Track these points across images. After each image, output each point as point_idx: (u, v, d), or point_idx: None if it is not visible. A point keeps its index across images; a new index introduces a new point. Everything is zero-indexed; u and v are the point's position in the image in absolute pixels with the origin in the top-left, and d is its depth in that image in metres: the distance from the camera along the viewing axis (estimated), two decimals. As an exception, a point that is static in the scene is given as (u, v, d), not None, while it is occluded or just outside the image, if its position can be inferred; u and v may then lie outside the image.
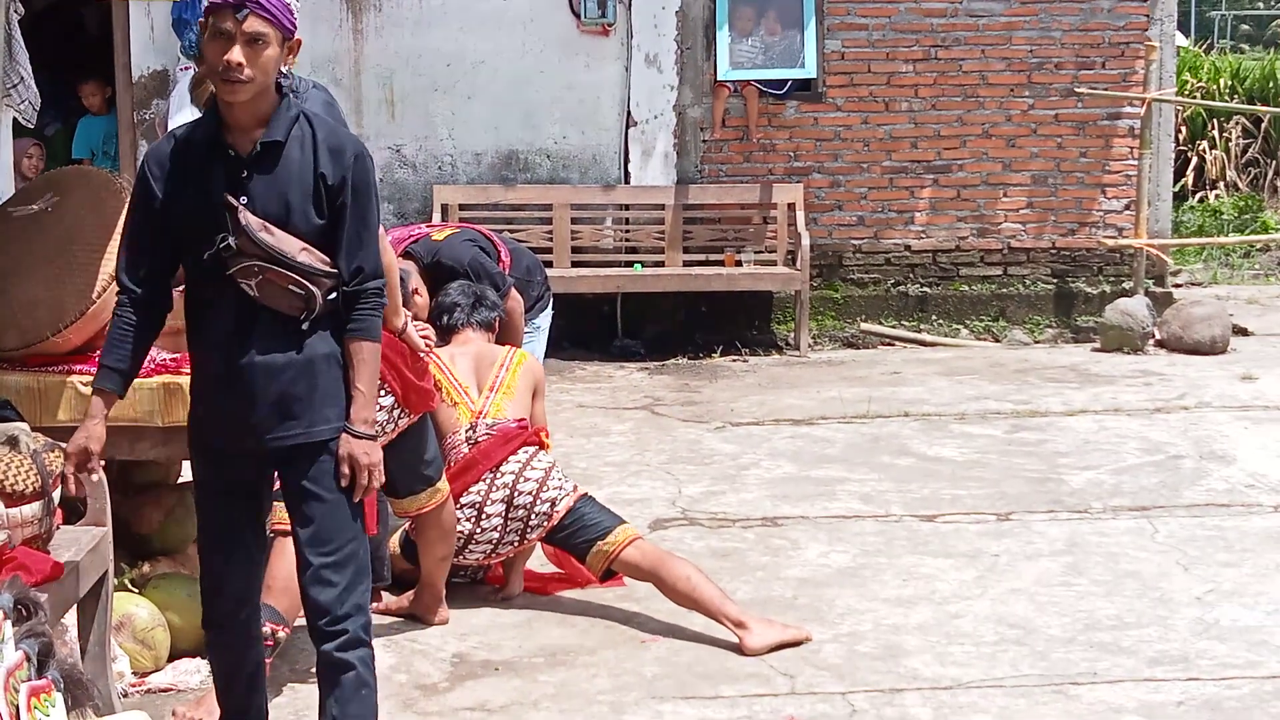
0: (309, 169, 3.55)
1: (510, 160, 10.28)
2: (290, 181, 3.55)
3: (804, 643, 4.93)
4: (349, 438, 3.62)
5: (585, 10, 10.13)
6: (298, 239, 3.53)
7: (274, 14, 3.46)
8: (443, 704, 4.54)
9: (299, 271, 3.52)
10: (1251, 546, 5.90)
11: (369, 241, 3.62)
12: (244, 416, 3.59)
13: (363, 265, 3.60)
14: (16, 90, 5.70)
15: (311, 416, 3.60)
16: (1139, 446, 7.43)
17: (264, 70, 3.46)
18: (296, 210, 3.55)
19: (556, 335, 9.86)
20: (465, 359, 5.51)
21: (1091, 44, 10.60)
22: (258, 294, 3.52)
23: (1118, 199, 10.69)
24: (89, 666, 4.10)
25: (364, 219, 3.61)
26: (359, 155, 3.61)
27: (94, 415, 3.64)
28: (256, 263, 3.49)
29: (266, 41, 3.45)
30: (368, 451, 3.64)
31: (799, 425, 7.99)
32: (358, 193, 3.59)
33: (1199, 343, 9.81)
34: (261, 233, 3.50)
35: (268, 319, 3.56)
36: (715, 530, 6.19)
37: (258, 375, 3.57)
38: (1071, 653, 4.86)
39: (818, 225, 10.48)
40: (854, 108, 10.52)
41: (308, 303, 3.54)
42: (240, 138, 3.55)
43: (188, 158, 3.58)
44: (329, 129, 3.61)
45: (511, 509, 5.19)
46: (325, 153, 3.56)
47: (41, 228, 4.68)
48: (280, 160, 3.54)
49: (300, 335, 3.57)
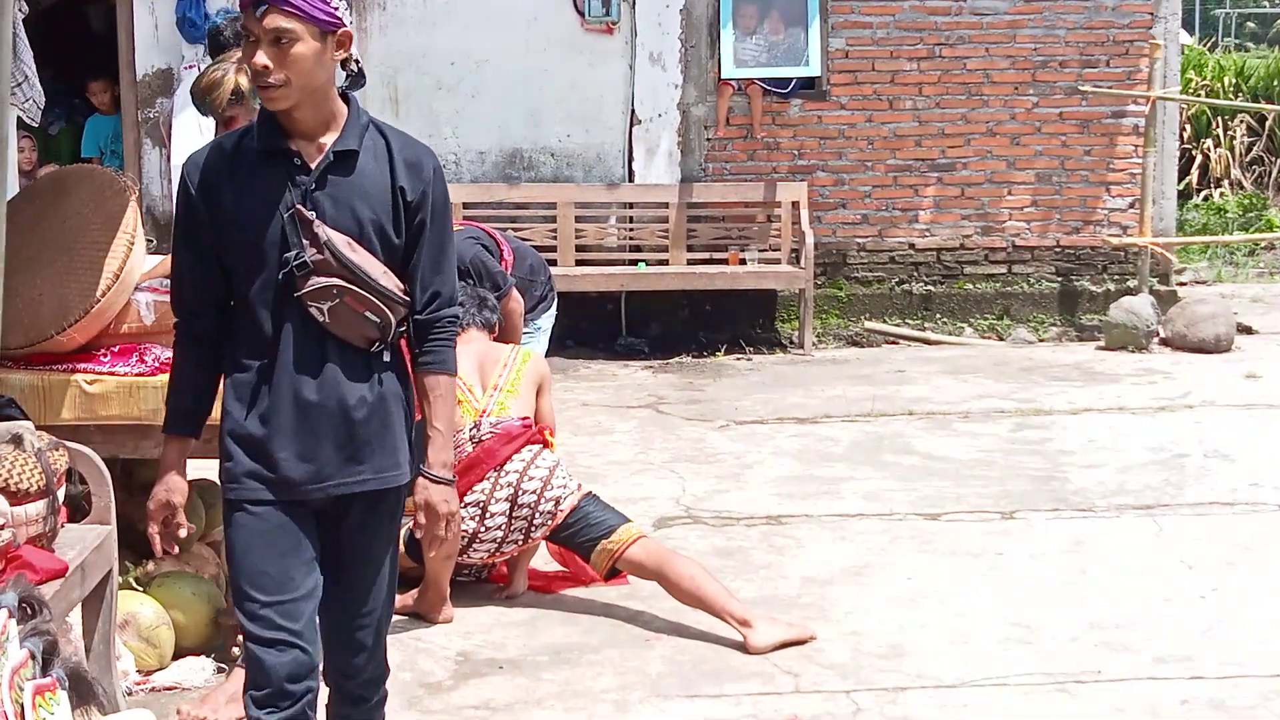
0: (385, 183, 3.21)
1: (514, 159, 10.28)
2: (365, 196, 3.19)
3: (808, 641, 4.93)
4: (426, 483, 3.26)
5: (589, 9, 10.13)
6: (376, 259, 3.21)
7: (298, 6, 3.05)
8: (447, 702, 4.54)
9: (380, 296, 3.16)
10: (1255, 545, 5.89)
11: (447, 265, 3.30)
12: (305, 461, 3.20)
13: (439, 291, 3.27)
14: (20, 89, 5.69)
15: (380, 460, 3.24)
16: (1143, 445, 7.42)
17: (297, 71, 3.07)
18: (371, 228, 3.20)
19: (560, 333, 9.88)
20: (468, 358, 5.51)
21: (1096, 42, 10.59)
22: (328, 319, 3.15)
23: (1122, 197, 10.68)
24: (93, 665, 4.10)
25: (442, 240, 3.29)
26: (437, 169, 3.30)
27: (169, 465, 3.31)
28: (336, 283, 3.12)
29: (294, 38, 3.05)
30: (447, 499, 3.27)
31: (803, 424, 7.99)
32: (437, 210, 3.27)
33: (1203, 341, 9.80)
34: (347, 250, 3.14)
35: (335, 349, 3.19)
36: (719, 529, 6.19)
37: (325, 415, 3.18)
38: (1075, 651, 4.85)
39: (822, 223, 10.47)
40: (858, 106, 10.52)
41: (383, 332, 3.20)
42: (306, 145, 3.18)
43: (241, 167, 3.20)
44: (403, 139, 3.28)
45: (515, 508, 5.19)
46: (402, 165, 3.22)
47: (46, 226, 4.68)
48: (354, 172, 3.19)
49: (371, 368, 3.22)
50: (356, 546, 3.30)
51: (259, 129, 3.20)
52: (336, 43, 3.13)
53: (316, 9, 3.07)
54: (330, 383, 3.18)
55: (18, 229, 4.68)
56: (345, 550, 3.30)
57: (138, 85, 9.91)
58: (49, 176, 5.02)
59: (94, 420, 4.54)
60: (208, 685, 4.56)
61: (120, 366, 4.57)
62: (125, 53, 9.92)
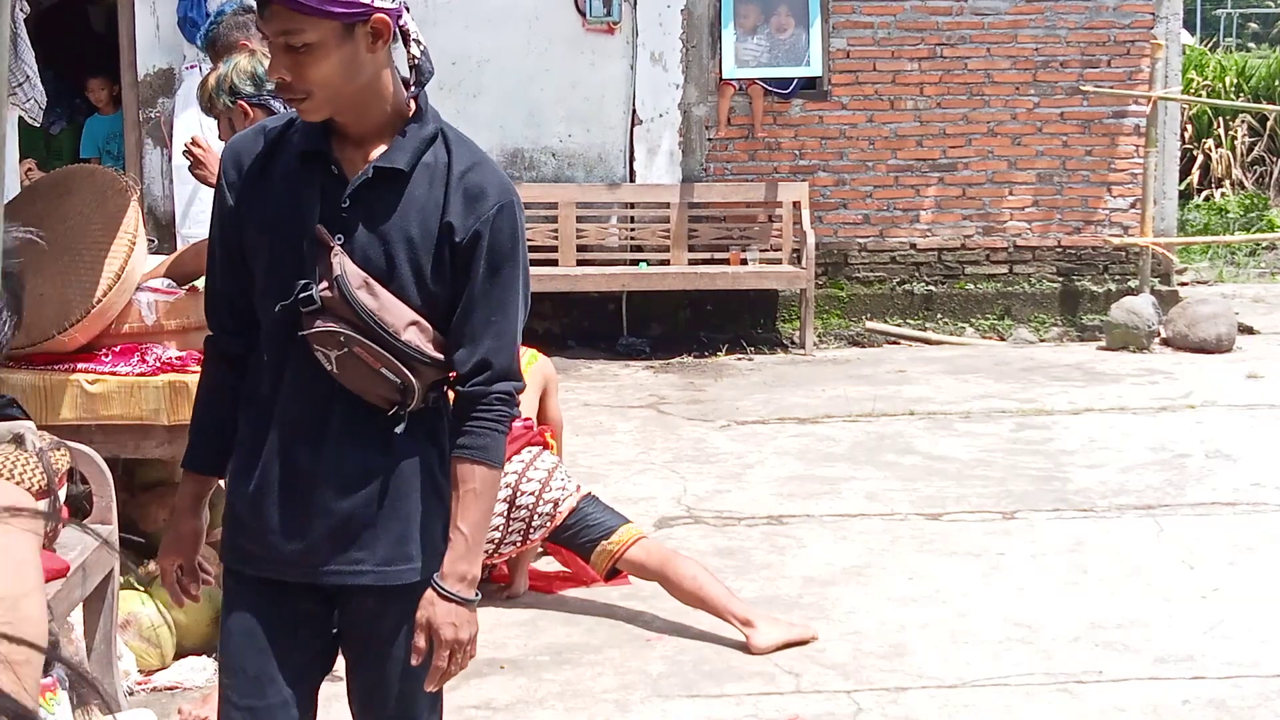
0: (434, 213, 2.59)
1: (515, 158, 10.28)
2: (407, 227, 2.59)
3: (810, 642, 4.93)
4: (434, 597, 2.62)
5: (590, 8, 10.13)
6: (407, 307, 2.60)
7: (304, 1, 2.47)
8: (448, 702, 4.51)
9: (398, 353, 2.58)
10: (1256, 545, 5.89)
11: (505, 329, 2.63)
12: (295, 535, 2.66)
13: (490, 360, 2.61)
14: (22, 89, 5.69)
15: (387, 551, 2.66)
16: (1144, 445, 7.42)
17: (320, 80, 2.51)
18: (408, 268, 2.59)
19: (561, 333, 9.91)
20: None
21: (1097, 42, 10.60)
22: (336, 370, 2.59)
23: (1123, 197, 10.69)
24: (95, 665, 4.10)
25: (501, 296, 2.62)
26: (506, 205, 2.61)
27: (182, 508, 2.84)
28: (344, 330, 2.55)
29: (308, 40, 2.48)
30: (456, 623, 2.62)
31: (804, 424, 7.99)
32: (496, 258, 2.60)
33: (1204, 341, 9.80)
34: (360, 290, 2.56)
35: (344, 405, 2.62)
36: (720, 529, 6.19)
37: (321, 483, 2.64)
38: (1077, 651, 4.85)
39: (823, 223, 10.48)
40: (859, 106, 10.52)
41: (403, 395, 2.61)
42: (352, 152, 2.62)
43: (276, 163, 2.66)
44: (472, 159, 2.63)
45: (514, 509, 5.19)
46: (459, 195, 2.59)
47: (47, 226, 4.68)
48: (399, 195, 2.59)
49: (388, 435, 2.63)
50: (370, 644, 2.74)
51: (303, 122, 2.64)
52: (371, 33, 2.51)
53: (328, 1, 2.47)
54: (331, 446, 2.63)
55: (19, 229, 4.68)
56: (359, 647, 2.76)
57: (139, 85, 9.91)
58: (50, 176, 5.02)
59: (95, 420, 4.54)
60: (209, 685, 4.56)
61: (121, 366, 4.57)
62: (126, 53, 9.92)
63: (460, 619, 2.62)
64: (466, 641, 2.64)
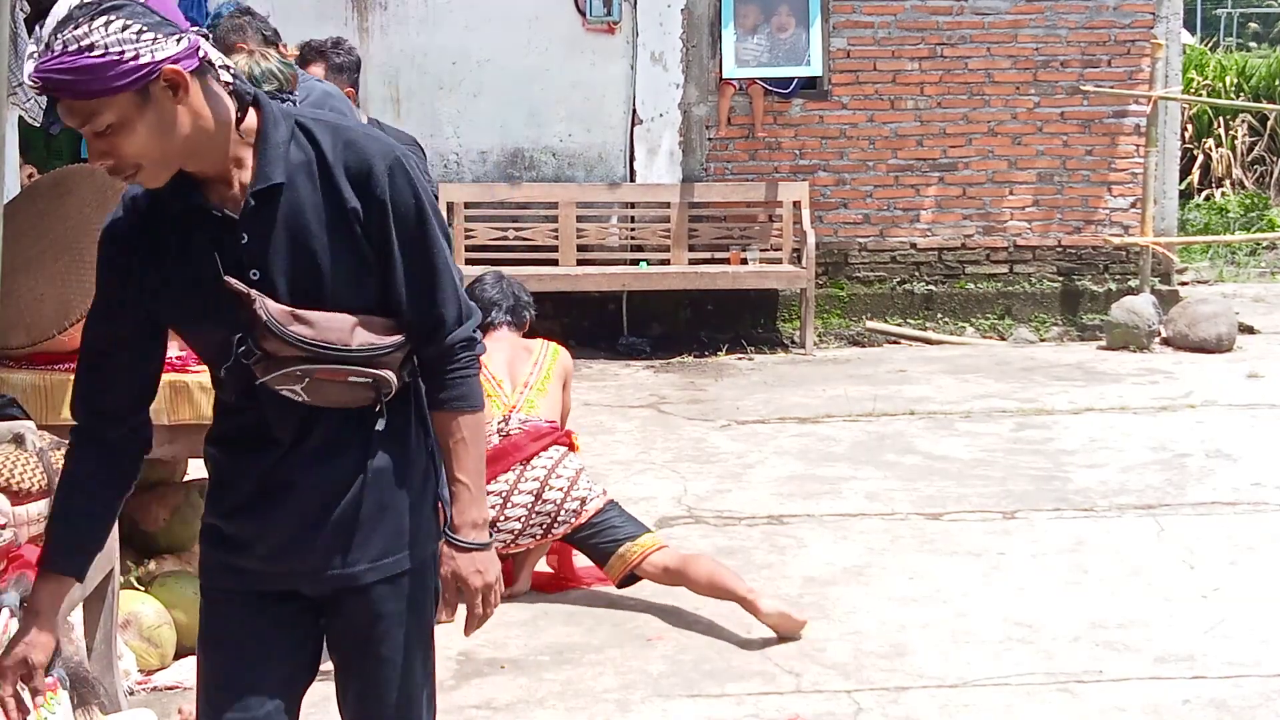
0: (329, 207, 2.50)
1: (516, 158, 10.28)
2: (309, 233, 2.50)
3: (801, 627, 4.97)
4: (453, 551, 2.64)
5: (591, 8, 10.13)
6: (346, 314, 2.52)
7: (79, 87, 2.29)
8: (449, 702, 4.54)
9: (357, 360, 2.52)
10: (1257, 544, 5.89)
11: (442, 283, 2.59)
12: (290, 547, 2.61)
13: (442, 316, 2.59)
14: (22, 89, 5.69)
15: (383, 545, 2.64)
16: (1145, 445, 7.42)
17: (138, 152, 2.36)
18: (329, 272, 2.51)
19: (562, 333, 9.90)
20: (499, 354, 5.54)
21: (1097, 42, 10.60)
22: (308, 398, 2.54)
23: (1123, 197, 10.69)
24: (95, 665, 4.10)
25: (427, 252, 2.57)
26: (395, 166, 2.52)
27: (39, 611, 2.59)
28: (297, 366, 2.49)
29: (109, 121, 2.33)
30: (480, 568, 2.66)
31: (804, 423, 7.99)
32: (406, 220, 2.53)
33: (1205, 341, 9.80)
34: (292, 326, 2.48)
35: (323, 418, 2.58)
36: (721, 528, 6.19)
37: (311, 494, 2.59)
38: (1077, 651, 4.85)
39: (823, 223, 10.48)
40: (859, 105, 10.52)
41: (379, 390, 2.57)
42: (223, 189, 2.48)
43: (160, 230, 2.52)
44: (339, 138, 2.53)
45: (539, 502, 5.24)
46: (344, 178, 2.50)
47: (47, 226, 4.68)
48: (290, 207, 2.49)
49: (368, 432, 2.60)
50: (367, 648, 2.69)
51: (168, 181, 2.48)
52: (168, 87, 2.34)
53: (103, 79, 2.28)
54: (319, 458, 2.59)
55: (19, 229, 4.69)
56: (354, 651, 2.72)
57: (139, 85, 9.91)
58: (50, 176, 5.01)
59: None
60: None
61: (122, 366, 4.56)
62: (127, 52, 9.92)
63: (483, 564, 2.66)
64: (494, 583, 2.68)
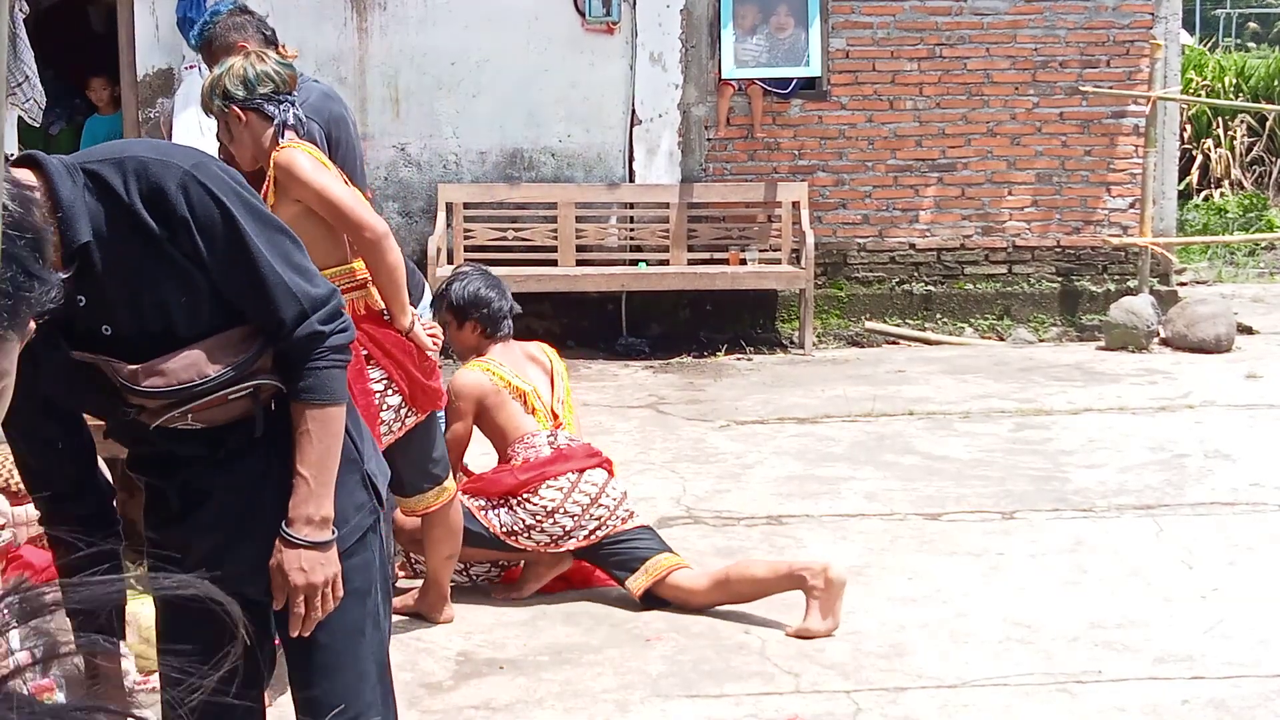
0: (142, 240, 2.46)
1: (515, 159, 10.28)
2: (136, 276, 2.48)
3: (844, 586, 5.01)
4: (280, 545, 2.62)
5: (590, 9, 10.13)
6: (195, 346, 2.53)
7: None
8: (448, 702, 4.54)
9: (223, 384, 2.56)
10: (1256, 545, 5.89)
11: (270, 282, 2.54)
12: (220, 553, 2.64)
13: (279, 314, 2.56)
14: (21, 89, 5.70)
15: None
16: (1144, 445, 7.42)
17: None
18: (171, 309, 2.51)
19: (561, 333, 9.90)
20: (523, 364, 5.57)
21: (1096, 42, 10.60)
22: (200, 424, 2.60)
23: (1122, 197, 10.69)
24: (94, 665, 4.09)
25: (246, 255, 2.52)
26: (186, 181, 2.46)
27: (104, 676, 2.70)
28: (174, 408, 2.56)
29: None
30: (305, 568, 2.62)
31: (804, 424, 7.99)
32: (212, 229, 2.48)
33: (1204, 341, 9.80)
34: (147, 380, 2.51)
35: (226, 430, 2.65)
36: (720, 529, 6.19)
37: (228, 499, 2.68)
38: (1076, 651, 4.85)
39: (822, 224, 10.48)
40: (858, 106, 10.52)
41: (258, 394, 2.62)
42: None
43: None
44: (126, 170, 2.45)
45: (595, 505, 5.32)
46: (142, 208, 2.44)
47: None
48: (107, 257, 2.44)
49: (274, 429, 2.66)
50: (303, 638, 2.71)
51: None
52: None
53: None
54: (226, 465, 2.65)
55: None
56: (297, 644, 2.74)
57: (138, 85, 9.92)
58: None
59: (95, 420, 4.53)
60: (208, 685, 4.55)
61: (121, 366, 4.57)
62: (126, 53, 9.92)
63: (309, 563, 2.61)
64: (321, 584, 2.62)
